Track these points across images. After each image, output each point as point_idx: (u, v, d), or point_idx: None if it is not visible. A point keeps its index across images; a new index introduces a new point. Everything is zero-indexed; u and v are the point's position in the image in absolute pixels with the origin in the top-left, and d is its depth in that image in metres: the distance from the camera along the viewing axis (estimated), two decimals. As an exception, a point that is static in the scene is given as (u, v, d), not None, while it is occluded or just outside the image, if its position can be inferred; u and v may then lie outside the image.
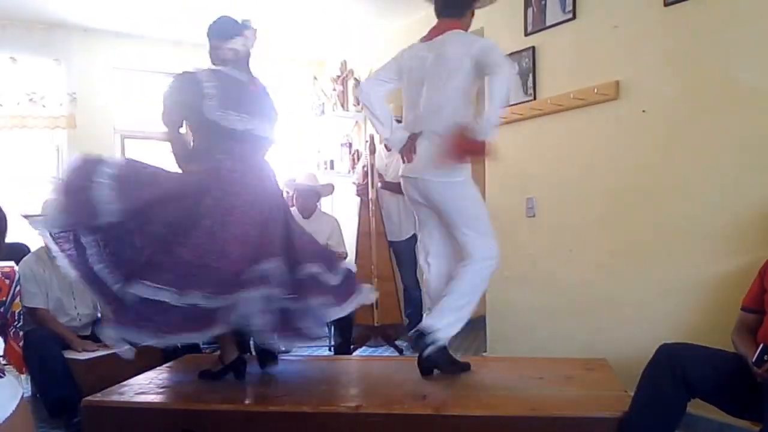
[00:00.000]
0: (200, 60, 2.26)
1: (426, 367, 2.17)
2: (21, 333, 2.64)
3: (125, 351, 1.94)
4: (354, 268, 2.39)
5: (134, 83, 4.38)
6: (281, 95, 4.95)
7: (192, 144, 2.18)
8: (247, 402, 2.04)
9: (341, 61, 4.63)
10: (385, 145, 3.77)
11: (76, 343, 2.72)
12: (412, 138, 2.22)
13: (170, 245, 1.93)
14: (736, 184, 2.23)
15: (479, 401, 1.94)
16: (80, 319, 2.85)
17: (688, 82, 2.38)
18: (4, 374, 1.08)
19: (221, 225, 1.99)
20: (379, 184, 3.62)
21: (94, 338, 2.80)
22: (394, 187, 3.63)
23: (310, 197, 3.64)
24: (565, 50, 2.90)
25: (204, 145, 2.13)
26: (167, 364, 2.55)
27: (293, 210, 3.74)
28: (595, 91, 2.68)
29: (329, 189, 3.73)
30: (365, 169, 3.69)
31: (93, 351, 2.70)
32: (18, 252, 3.22)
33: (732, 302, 1.99)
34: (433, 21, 2.25)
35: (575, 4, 2.81)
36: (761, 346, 1.63)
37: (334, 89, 4.63)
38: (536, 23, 3.01)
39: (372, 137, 3.73)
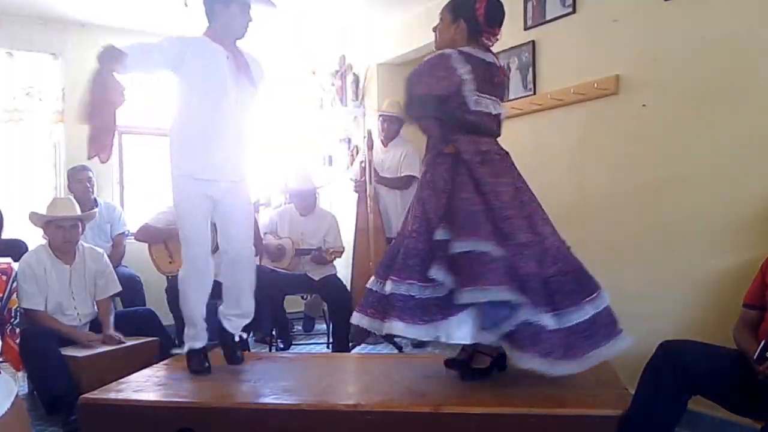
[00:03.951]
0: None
1: None
2: (18, 330, 2.63)
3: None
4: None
5: (131, 79, 4.35)
6: (279, 90, 4.94)
7: None
8: (244, 399, 2.03)
9: (340, 56, 4.61)
10: (382, 141, 3.76)
11: (80, 337, 2.70)
12: None
13: None
14: (737, 179, 2.21)
15: (478, 399, 1.93)
16: (80, 319, 2.82)
17: (689, 76, 2.36)
18: (-1, 372, 1.07)
19: None
20: (375, 179, 3.61)
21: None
22: (389, 182, 3.61)
23: (307, 196, 3.64)
24: (565, 44, 2.87)
25: None
26: (164, 362, 2.54)
27: (291, 207, 3.74)
28: (595, 85, 2.66)
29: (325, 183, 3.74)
30: (363, 164, 3.67)
31: (97, 341, 2.69)
32: (15, 248, 3.21)
33: (733, 299, 1.98)
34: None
35: (575, -2, 2.79)
36: (762, 342, 1.62)
37: (333, 84, 4.61)
38: (536, 17, 2.99)
39: (370, 132, 3.71)
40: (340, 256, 3.60)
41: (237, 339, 2.37)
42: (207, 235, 2.25)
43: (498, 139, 2.13)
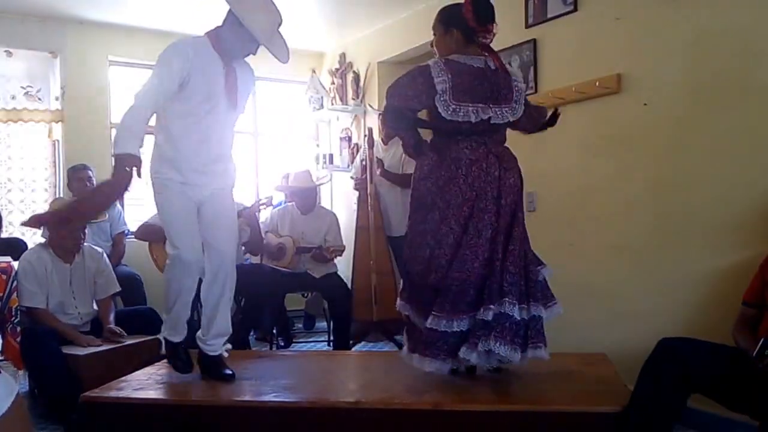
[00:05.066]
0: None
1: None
2: (18, 329, 2.63)
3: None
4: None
5: (130, 76, 4.35)
6: (279, 89, 4.94)
7: None
8: (245, 397, 2.03)
9: (340, 54, 4.60)
10: (382, 140, 3.75)
11: (80, 339, 2.70)
12: None
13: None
14: (738, 177, 2.22)
15: (478, 396, 1.93)
16: (81, 318, 2.82)
17: (690, 75, 2.36)
18: None
19: None
20: (378, 171, 3.61)
21: (94, 335, 2.79)
22: (393, 178, 3.61)
23: (308, 195, 3.64)
24: (566, 43, 2.87)
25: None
26: (165, 360, 2.54)
27: (291, 206, 3.74)
28: (597, 84, 2.66)
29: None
30: (364, 163, 3.67)
31: (98, 345, 2.68)
32: (14, 247, 3.21)
33: (732, 297, 1.98)
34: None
35: (576, -4, 2.78)
36: (761, 340, 1.62)
37: (333, 82, 4.60)
38: (537, 15, 2.98)
39: (371, 131, 3.71)
40: (340, 255, 3.60)
41: (226, 354, 2.26)
42: (194, 234, 2.15)
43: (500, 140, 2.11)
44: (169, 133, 2.12)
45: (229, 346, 2.31)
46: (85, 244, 2.96)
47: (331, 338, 3.64)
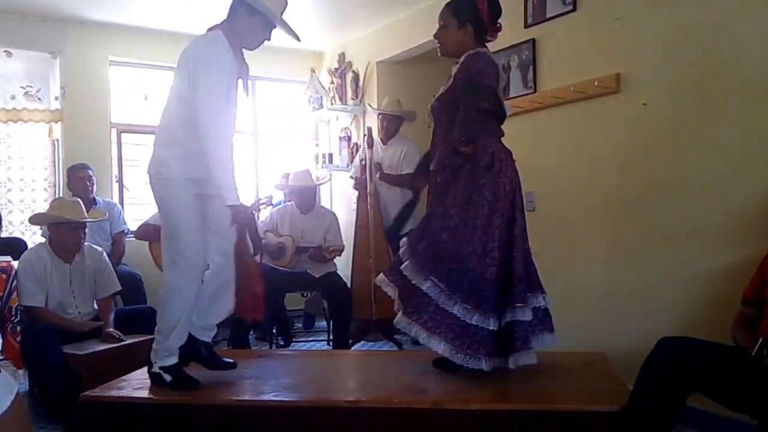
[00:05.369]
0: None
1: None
2: (18, 328, 2.63)
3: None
4: None
5: (130, 76, 4.35)
6: (279, 89, 4.94)
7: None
8: (245, 397, 2.04)
9: (339, 54, 4.60)
10: (381, 139, 3.76)
11: (81, 326, 2.70)
12: None
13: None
14: (737, 177, 2.22)
15: (477, 395, 1.93)
16: (81, 318, 2.83)
17: (689, 74, 2.36)
18: (-1, 370, 1.07)
19: None
20: (377, 175, 3.62)
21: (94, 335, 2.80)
22: (392, 179, 3.62)
23: (307, 194, 3.65)
24: (565, 42, 2.88)
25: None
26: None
27: (291, 205, 3.74)
28: (596, 83, 2.66)
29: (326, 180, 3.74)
30: (363, 162, 3.68)
31: (98, 343, 2.68)
32: (14, 247, 3.22)
33: (732, 296, 1.99)
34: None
35: (575, -4, 2.79)
36: (761, 339, 1.62)
37: (332, 82, 4.60)
38: (536, 15, 2.99)
39: (370, 130, 3.72)
40: (339, 255, 3.60)
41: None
42: (203, 239, 2.06)
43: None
44: (191, 130, 1.96)
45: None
46: (85, 243, 2.97)
47: (331, 337, 3.64)
